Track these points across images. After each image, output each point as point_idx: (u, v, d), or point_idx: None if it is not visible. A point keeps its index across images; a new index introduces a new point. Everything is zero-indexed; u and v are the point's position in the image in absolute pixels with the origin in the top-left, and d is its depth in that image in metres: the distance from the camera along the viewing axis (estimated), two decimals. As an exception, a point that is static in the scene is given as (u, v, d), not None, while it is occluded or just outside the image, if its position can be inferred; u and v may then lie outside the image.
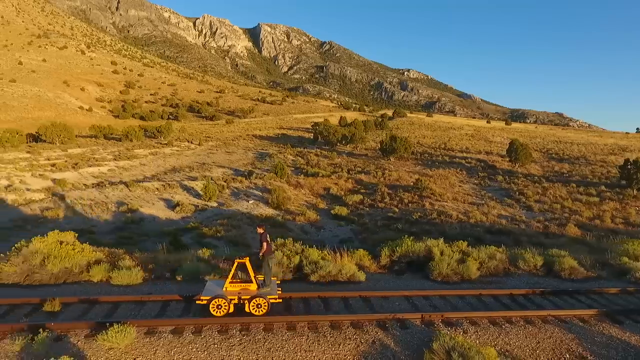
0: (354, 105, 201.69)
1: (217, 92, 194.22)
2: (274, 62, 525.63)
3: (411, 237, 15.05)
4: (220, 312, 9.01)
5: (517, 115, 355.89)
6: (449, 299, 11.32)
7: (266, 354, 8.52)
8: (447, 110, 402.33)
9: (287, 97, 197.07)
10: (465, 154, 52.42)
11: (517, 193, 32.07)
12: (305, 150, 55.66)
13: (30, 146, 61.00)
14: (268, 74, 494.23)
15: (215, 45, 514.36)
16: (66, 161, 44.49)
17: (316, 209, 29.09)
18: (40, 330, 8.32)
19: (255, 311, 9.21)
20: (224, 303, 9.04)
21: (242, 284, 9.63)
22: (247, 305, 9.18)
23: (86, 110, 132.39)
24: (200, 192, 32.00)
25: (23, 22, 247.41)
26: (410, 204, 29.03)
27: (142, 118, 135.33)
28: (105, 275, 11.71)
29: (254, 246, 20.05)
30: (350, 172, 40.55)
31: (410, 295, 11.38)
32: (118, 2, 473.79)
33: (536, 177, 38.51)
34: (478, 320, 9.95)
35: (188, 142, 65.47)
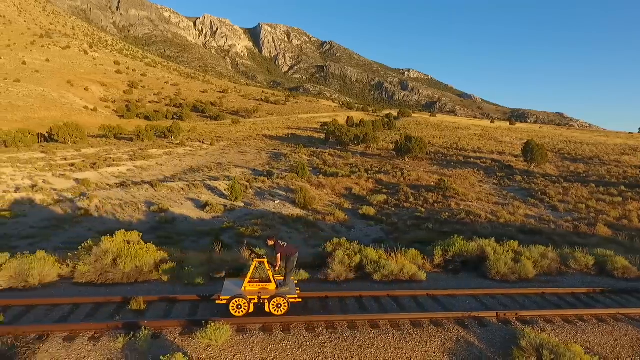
0: (356, 106, 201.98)
1: (220, 92, 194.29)
2: (275, 62, 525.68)
3: (460, 237, 15.28)
4: (240, 312, 9.01)
5: (518, 115, 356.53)
6: (515, 298, 11.51)
7: (358, 351, 8.72)
8: (448, 110, 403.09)
9: (290, 97, 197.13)
10: (478, 154, 52.64)
11: (539, 193, 32.29)
12: (319, 150, 55.83)
13: (42, 146, 61.09)
14: (268, 73, 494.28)
15: (215, 45, 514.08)
16: (83, 161, 44.61)
17: (342, 208, 29.28)
18: (142, 328, 8.53)
19: (275, 311, 9.17)
20: (244, 303, 9.02)
21: (261, 284, 9.58)
22: (266, 305, 9.15)
23: (91, 110, 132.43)
24: (224, 192, 32.17)
25: (25, 22, 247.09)
26: (435, 204, 29.24)
27: (146, 118, 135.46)
28: (174, 274, 11.90)
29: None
30: (368, 172, 40.74)
31: (476, 294, 11.58)
32: (118, 2, 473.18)
33: (554, 177, 38.75)
34: (552, 319, 10.15)
35: (199, 142, 65.59)
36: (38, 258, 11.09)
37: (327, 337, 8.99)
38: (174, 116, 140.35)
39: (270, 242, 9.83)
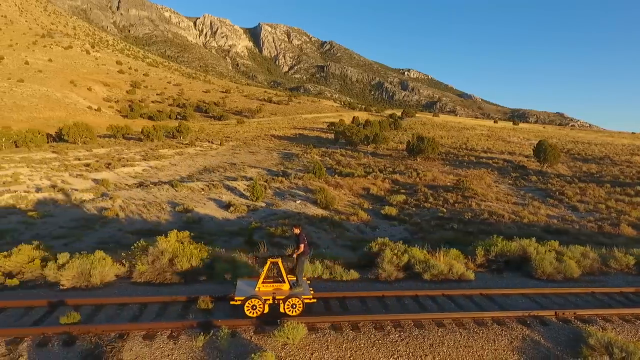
0: (358, 106, 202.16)
1: (222, 92, 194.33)
2: (275, 62, 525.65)
3: (500, 237, 15.45)
4: (254, 312, 8.94)
5: (518, 115, 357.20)
6: (567, 297, 11.67)
7: (430, 350, 8.88)
8: (448, 110, 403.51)
9: (293, 97, 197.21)
10: (489, 154, 52.84)
11: (556, 193, 32.48)
12: (330, 150, 55.98)
13: (51, 146, 61.14)
14: (269, 73, 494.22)
15: (215, 45, 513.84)
16: (97, 161, 44.71)
17: (362, 209, 29.43)
18: (223, 327, 8.69)
19: (290, 312, 9.13)
20: (259, 303, 8.96)
21: (275, 284, 9.50)
22: (281, 306, 9.11)
23: (95, 110, 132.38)
24: (243, 192, 32.32)
25: (26, 21, 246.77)
26: (456, 204, 29.41)
27: (150, 118, 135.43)
28: (230, 273, 12.05)
29: (322, 245, 20.38)
30: (383, 172, 40.91)
31: (528, 294, 11.75)
32: (119, 2, 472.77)
33: (568, 178, 38.96)
34: (610, 318, 10.31)
35: (208, 142, 65.69)
36: (97, 258, 11.22)
37: (397, 335, 9.15)
38: (178, 116, 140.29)
39: (297, 230, 9.91)
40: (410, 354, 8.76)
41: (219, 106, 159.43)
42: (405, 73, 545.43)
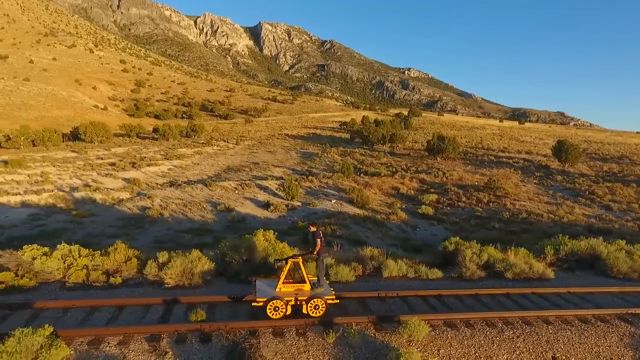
0: (362, 105, 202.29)
1: (227, 91, 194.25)
2: (275, 61, 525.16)
3: (566, 236, 15.70)
4: (277, 314, 8.74)
5: (519, 114, 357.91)
6: (653, 295, 11.94)
7: (547, 346, 9.13)
8: (449, 109, 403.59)
9: (297, 96, 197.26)
10: (507, 154, 53.15)
11: (586, 193, 32.77)
12: (348, 150, 56.20)
13: (68, 145, 61.19)
14: (269, 72, 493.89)
15: (216, 44, 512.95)
16: (121, 160, 44.83)
17: (397, 208, 29.67)
18: (352, 323, 8.93)
19: (313, 312, 8.88)
20: (281, 305, 8.76)
21: (296, 285, 9.28)
22: (304, 307, 8.88)
23: (101, 109, 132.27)
24: (275, 191, 32.53)
25: (29, 20, 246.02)
26: (490, 204, 29.69)
27: (156, 117, 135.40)
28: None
29: (372, 244, 20.53)
30: (407, 171, 41.15)
31: (614, 292, 12.02)
32: (119, 0, 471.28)
33: (592, 177, 39.28)
34: (703, 314, 10.54)
35: (224, 141, 65.82)
36: (195, 257, 11.41)
37: (512, 332, 9.39)
38: (184, 115, 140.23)
39: (313, 228, 9.74)
40: (530, 350, 9.01)
41: (224, 105, 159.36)
42: (406, 72, 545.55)
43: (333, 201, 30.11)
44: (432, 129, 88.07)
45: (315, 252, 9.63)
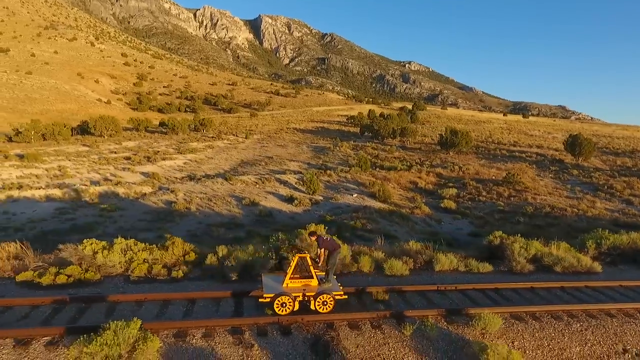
0: (365, 99, 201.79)
1: (229, 84, 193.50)
2: (275, 54, 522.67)
3: (606, 231, 15.86)
4: (284, 310, 8.53)
5: (520, 108, 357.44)
6: None
7: (615, 338, 9.28)
8: (450, 102, 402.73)
9: (300, 90, 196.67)
10: (518, 148, 53.23)
11: (605, 187, 32.91)
12: (359, 144, 56.22)
13: (77, 139, 61.08)
14: (269, 65, 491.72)
15: (216, 37, 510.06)
16: (134, 154, 44.81)
17: (419, 201, 29.79)
18: (427, 317, 9.07)
19: (321, 309, 8.69)
20: (289, 301, 8.55)
21: (304, 280, 9.05)
22: (312, 303, 8.68)
23: (105, 102, 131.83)
24: (295, 185, 32.60)
25: (28, 13, 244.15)
26: (511, 198, 29.83)
27: (159, 111, 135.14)
28: (371, 266, 12.40)
29: (401, 238, 20.69)
30: (422, 165, 41.23)
31: (666, 285, 12.16)
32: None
33: (607, 171, 39.41)
34: None
35: (233, 135, 65.76)
36: (251, 251, 11.51)
37: (579, 325, 9.53)
38: (187, 109, 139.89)
39: (313, 238, 9.52)
40: (600, 342, 9.15)
41: (227, 99, 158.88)
42: (406, 65, 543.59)
43: (354, 195, 30.20)
44: (439, 123, 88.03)
45: (321, 264, 9.40)
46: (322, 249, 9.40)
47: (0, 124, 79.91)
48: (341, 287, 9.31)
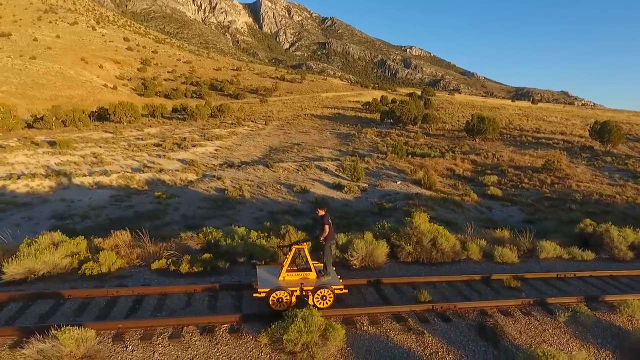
0: (370, 84, 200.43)
1: (233, 70, 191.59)
2: (275, 39, 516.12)
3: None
4: (280, 306, 7.92)
5: (522, 94, 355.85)
6: None
7: None
8: (452, 88, 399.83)
9: (305, 75, 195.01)
10: (542, 135, 53.24)
11: (643, 174, 33.11)
12: (383, 130, 56.10)
13: (97, 125, 60.64)
14: (269, 50, 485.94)
15: (215, 21, 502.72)
16: (163, 140, 44.58)
17: (461, 188, 29.94)
18: (578, 304, 9.24)
19: (320, 304, 8.12)
20: (285, 296, 7.92)
21: (301, 273, 8.48)
22: (310, 298, 8.10)
23: (111, 88, 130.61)
24: (335, 172, 32.64)
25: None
26: (555, 185, 29.99)
27: (166, 96, 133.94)
28: (480, 253, 12.57)
29: (460, 225, 20.82)
30: (453, 152, 41.27)
31: None
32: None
33: (639, 158, 39.57)
34: None
35: (252, 121, 65.45)
36: (369, 239, 11.62)
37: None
38: (193, 94, 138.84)
39: (322, 212, 8.95)
40: None
41: (233, 84, 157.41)
42: (408, 50, 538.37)
43: (398, 182, 30.29)
44: (453, 110, 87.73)
45: (322, 238, 8.80)
46: (326, 225, 8.73)
47: (14, 110, 78.93)
48: (341, 280, 8.68)
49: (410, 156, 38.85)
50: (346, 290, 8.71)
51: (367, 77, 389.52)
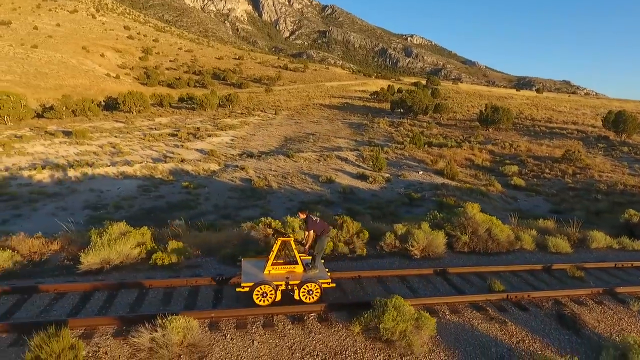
0: (374, 73, 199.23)
1: (235, 58, 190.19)
2: (275, 27, 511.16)
3: None
4: (265, 300, 7.59)
5: (524, 83, 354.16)
6: None
7: None
8: (453, 77, 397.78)
9: (308, 64, 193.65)
10: (555, 124, 53.17)
11: (663, 164, 33.15)
12: (395, 120, 55.93)
13: (106, 115, 60.39)
14: (269, 39, 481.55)
15: (214, 9, 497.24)
16: (177, 130, 44.46)
17: (479, 178, 30.00)
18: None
19: (306, 298, 7.83)
20: (270, 290, 7.56)
21: (287, 266, 8.14)
22: (296, 292, 7.80)
23: (114, 77, 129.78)
24: (355, 162, 32.65)
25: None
26: (577, 175, 30.05)
27: (169, 86, 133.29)
28: (533, 244, 12.67)
29: (491, 214, 20.85)
30: (470, 142, 41.24)
31: None
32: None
33: (655, 148, 39.60)
34: None
35: (261, 111, 65.19)
36: (426, 230, 11.70)
37: None
38: (196, 84, 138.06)
39: (302, 216, 8.38)
40: None
41: (236, 74, 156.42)
42: (409, 39, 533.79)
43: (421, 172, 30.32)
44: (461, 99, 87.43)
45: (307, 247, 8.38)
46: (310, 231, 8.28)
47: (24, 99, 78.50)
48: (329, 274, 8.28)
49: (427, 146, 38.81)
50: (333, 285, 8.25)
51: (368, 66, 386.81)
